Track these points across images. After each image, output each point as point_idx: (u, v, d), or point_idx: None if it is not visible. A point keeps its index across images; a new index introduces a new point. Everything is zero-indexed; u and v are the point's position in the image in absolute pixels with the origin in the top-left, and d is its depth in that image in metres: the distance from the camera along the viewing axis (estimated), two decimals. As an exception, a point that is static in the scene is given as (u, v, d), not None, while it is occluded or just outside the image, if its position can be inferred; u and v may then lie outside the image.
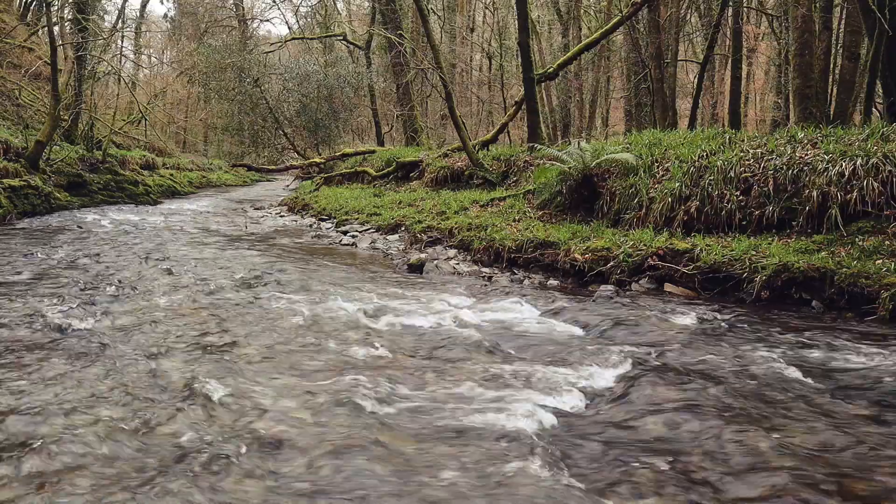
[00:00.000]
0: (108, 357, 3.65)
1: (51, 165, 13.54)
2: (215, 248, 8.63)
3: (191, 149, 36.09)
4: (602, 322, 4.57)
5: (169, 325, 4.38)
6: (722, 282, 5.47)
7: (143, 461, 2.48)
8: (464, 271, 6.99)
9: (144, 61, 38.46)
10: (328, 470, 2.45)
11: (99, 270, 6.45)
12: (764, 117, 23.08)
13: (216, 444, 2.61)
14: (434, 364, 3.73)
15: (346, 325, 4.51)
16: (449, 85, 13.13)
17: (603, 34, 14.98)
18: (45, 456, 2.46)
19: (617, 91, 26.35)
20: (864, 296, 4.68)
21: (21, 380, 3.28)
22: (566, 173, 8.40)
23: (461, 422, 2.89)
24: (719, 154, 7.02)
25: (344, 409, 2.98)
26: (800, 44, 11.71)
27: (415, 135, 21.51)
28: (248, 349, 3.89)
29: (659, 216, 6.93)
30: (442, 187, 12.49)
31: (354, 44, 25.58)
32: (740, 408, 2.96)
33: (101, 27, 21.71)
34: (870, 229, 5.49)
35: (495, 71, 27.56)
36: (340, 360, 3.77)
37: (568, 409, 3.07)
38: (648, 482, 2.37)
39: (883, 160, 5.64)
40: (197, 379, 3.28)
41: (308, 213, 13.63)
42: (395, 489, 2.33)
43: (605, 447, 2.67)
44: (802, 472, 2.37)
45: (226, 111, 27.61)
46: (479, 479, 2.39)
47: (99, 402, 3.01)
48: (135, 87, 24.34)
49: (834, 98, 12.63)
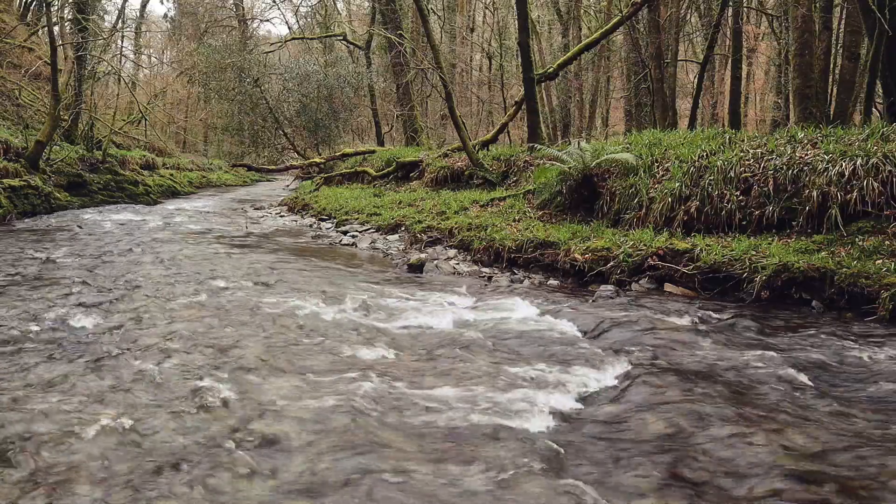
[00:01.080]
0: (107, 357, 3.65)
1: (51, 165, 13.55)
2: (215, 248, 8.63)
3: (191, 149, 36.09)
4: (602, 322, 4.57)
5: (169, 325, 4.38)
6: (722, 282, 5.47)
7: (143, 461, 2.48)
8: (464, 271, 6.99)
9: (144, 61, 38.47)
10: (329, 470, 2.46)
11: (99, 270, 6.45)
12: (764, 117, 23.09)
13: (216, 444, 2.61)
14: (434, 364, 3.73)
15: (346, 325, 4.51)
16: (449, 85, 13.13)
17: (603, 34, 14.99)
18: (44, 456, 2.46)
19: (617, 91, 26.36)
20: (864, 296, 4.69)
21: (21, 379, 3.28)
22: (566, 173, 8.40)
23: (462, 421, 2.89)
24: (719, 154, 7.03)
25: (344, 409, 2.98)
26: (800, 44, 11.71)
27: (415, 135, 21.51)
28: (248, 349, 3.89)
29: (659, 216, 6.93)
30: (442, 187, 12.49)
31: (354, 44, 25.58)
32: (740, 408, 2.96)
33: (101, 27, 21.72)
34: (870, 229, 5.49)
35: (495, 71, 27.57)
36: (340, 359, 3.77)
37: (568, 409, 3.07)
38: (649, 482, 2.37)
39: (883, 160, 5.65)
40: (197, 378, 3.28)
41: (308, 213, 13.63)
42: (396, 489, 2.33)
43: (605, 447, 2.67)
44: (802, 472, 2.37)
45: (226, 111, 27.61)
46: (480, 479, 2.40)
47: (98, 402, 3.01)
48: (135, 87, 24.35)
49: (834, 98, 12.63)
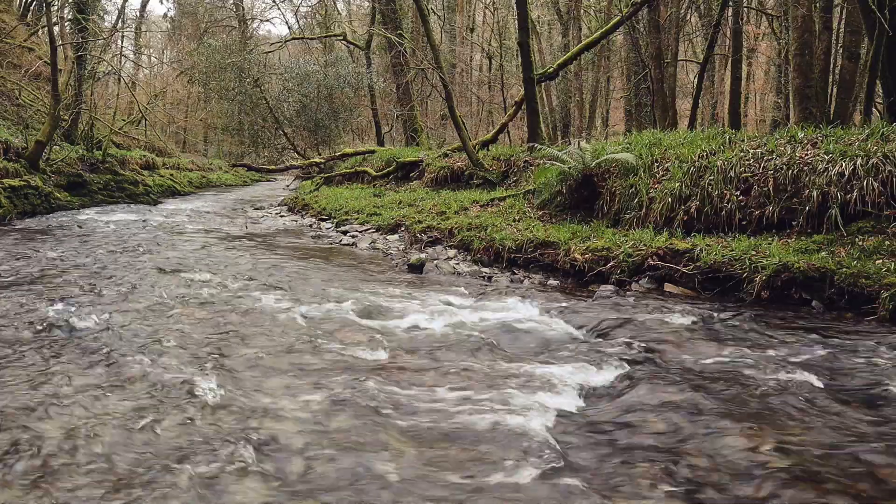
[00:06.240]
0: (107, 356, 3.65)
1: (51, 165, 13.54)
2: (215, 248, 8.62)
3: (191, 149, 36.11)
4: (602, 322, 4.57)
5: (168, 325, 4.38)
6: (722, 282, 5.47)
7: (143, 461, 2.48)
8: (464, 271, 6.99)
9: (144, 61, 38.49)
10: (328, 470, 2.45)
11: (98, 270, 6.44)
12: (764, 117, 23.09)
13: (216, 443, 2.61)
14: (434, 364, 3.73)
15: (346, 324, 4.51)
16: (449, 85, 13.13)
17: (603, 34, 14.99)
18: (44, 455, 2.46)
19: (617, 91, 26.36)
20: (864, 296, 4.68)
21: (20, 379, 3.28)
22: (566, 173, 8.40)
23: (462, 421, 2.89)
24: (719, 154, 7.02)
25: (344, 409, 2.98)
26: (800, 44, 11.71)
27: (415, 135, 21.50)
28: (247, 349, 3.89)
29: (659, 216, 6.93)
30: (442, 187, 12.49)
31: (354, 44, 25.57)
32: (740, 407, 2.96)
33: (101, 27, 21.69)
34: (870, 229, 5.49)
35: (495, 71, 27.57)
36: (340, 359, 3.77)
37: (568, 409, 3.07)
38: (649, 482, 2.37)
39: (883, 160, 5.64)
40: (196, 378, 3.28)
41: (308, 213, 13.63)
42: (396, 489, 2.33)
43: (605, 446, 2.67)
44: (802, 472, 2.37)
45: (226, 111, 27.62)
46: (480, 479, 2.39)
47: (98, 402, 3.01)
48: (135, 87, 24.36)
49: (834, 98, 12.63)
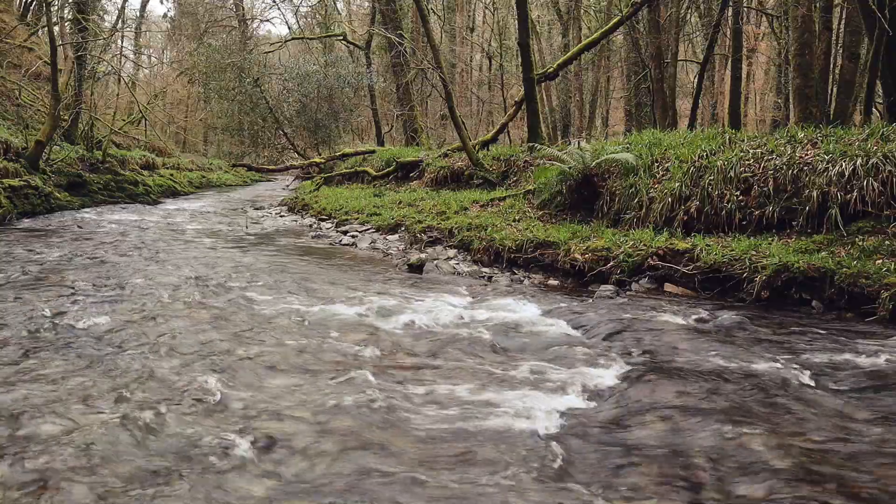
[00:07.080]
0: (108, 356, 3.65)
1: (51, 165, 13.54)
2: (215, 248, 8.63)
3: (191, 149, 36.09)
4: (602, 322, 4.57)
5: (169, 325, 4.38)
6: (722, 282, 5.47)
7: (145, 460, 2.48)
8: (464, 271, 6.99)
9: (144, 61, 38.46)
10: (329, 470, 2.46)
11: (98, 270, 6.44)
12: (764, 117, 23.09)
13: (216, 443, 2.61)
14: (434, 364, 3.73)
15: (346, 324, 4.51)
16: (449, 85, 13.13)
17: (603, 34, 15.00)
18: (46, 455, 2.46)
19: (617, 91, 26.37)
20: (864, 296, 4.68)
21: (21, 379, 3.28)
22: (566, 173, 8.40)
23: (462, 421, 2.89)
24: (719, 154, 7.02)
25: (344, 409, 2.98)
26: (800, 44, 11.70)
27: (415, 135, 21.51)
28: (248, 348, 3.89)
29: (659, 216, 6.93)
30: (442, 187, 12.49)
31: (354, 44, 25.57)
32: (740, 408, 2.96)
33: (101, 27, 21.69)
34: (870, 229, 5.49)
35: (495, 71, 27.58)
36: (341, 359, 3.77)
37: (568, 409, 3.07)
38: (649, 482, 2.37)
39: (883, 160, 5.64)
40: (196, 377, 3.28)
41: (308, 213, 13.63)
42: (396, 489, 2.33)
43: (605, 447, 2.67)
44: (802, 473, 2.37)
45: (226, 111, 27.61)
46: (480, 479, 2.39)
47: (99, 402, 3.01)
48: (135, 87, 24.34)
49: (834, 98, 12.63)
